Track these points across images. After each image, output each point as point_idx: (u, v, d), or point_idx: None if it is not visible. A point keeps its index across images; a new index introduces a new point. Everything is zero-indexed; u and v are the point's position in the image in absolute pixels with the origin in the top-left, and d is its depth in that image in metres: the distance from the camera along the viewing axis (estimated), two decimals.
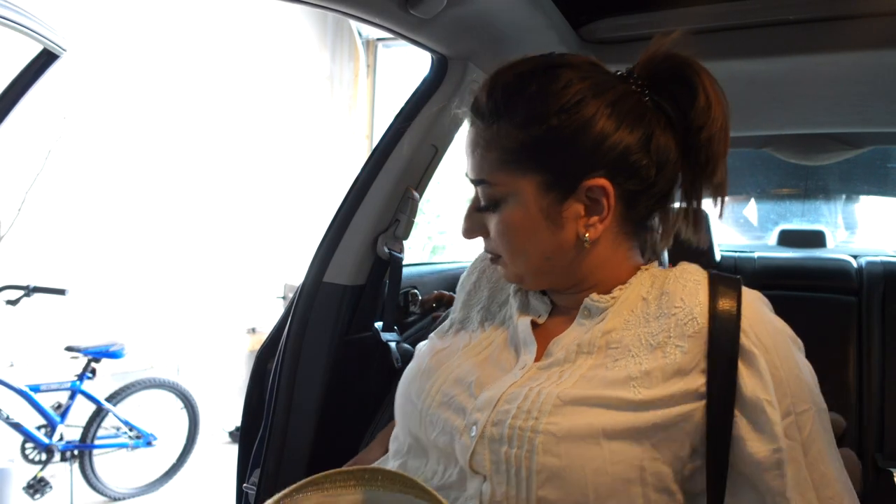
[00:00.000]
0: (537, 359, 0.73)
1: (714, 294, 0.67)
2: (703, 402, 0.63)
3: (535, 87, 0.69)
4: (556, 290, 0.78)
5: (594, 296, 0.72)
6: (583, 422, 0.62)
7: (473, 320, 0.85)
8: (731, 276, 0.71)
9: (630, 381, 0.64)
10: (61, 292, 2.95)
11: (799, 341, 0.69)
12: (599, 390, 0.64)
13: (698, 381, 0.64)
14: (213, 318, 4.19)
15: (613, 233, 0.72)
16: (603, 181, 0.68)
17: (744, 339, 0.64)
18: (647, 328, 0.68)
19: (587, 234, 0.70)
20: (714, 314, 0.65)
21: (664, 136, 0.70)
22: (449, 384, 0.74)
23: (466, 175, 0.75)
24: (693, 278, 0.71)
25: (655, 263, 0.77)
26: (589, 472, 0.61)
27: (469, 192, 0.78)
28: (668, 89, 0.71)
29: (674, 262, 0.96)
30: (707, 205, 0.74)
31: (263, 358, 1.36)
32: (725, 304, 0.66)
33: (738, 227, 2.98)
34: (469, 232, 0.76)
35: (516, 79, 0.70)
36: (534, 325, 0.77)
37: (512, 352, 0.76)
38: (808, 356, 0.68)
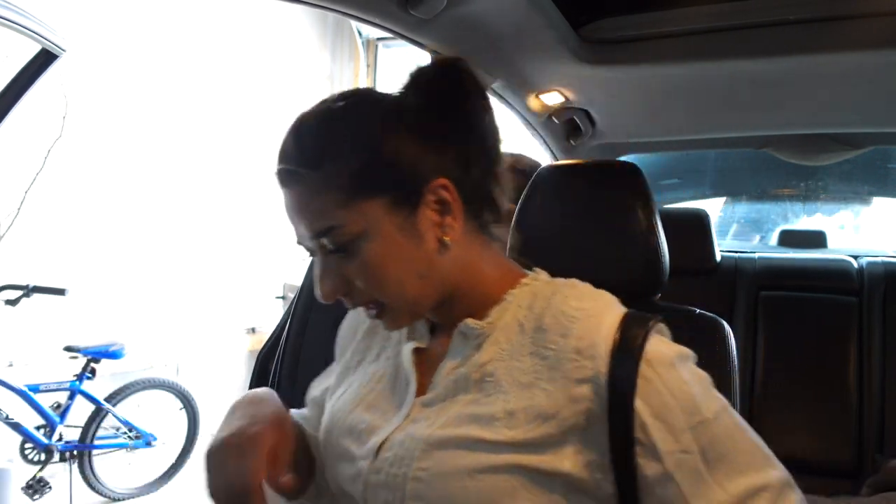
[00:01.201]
0: (422, 392, 0.73)
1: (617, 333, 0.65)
2: (573, 449, 0.63)
3: (341, 121, 0.71)
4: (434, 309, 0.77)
5: (469, 321, 0.72)
6: (450, 465, 0.64)
7: (382, 337, 0.84)
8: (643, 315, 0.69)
9: (495, 421, 0.65)
10: (61, 292, 2.95)
11: (685, 352, 0.67)
12: (466, 429, 0.65)
13: (566, 433, 0.64)
14: (212, 318, 4.19)
15: (467, 231, 0.73)
16: (440, 179, 0.69)
17: (639, 385, 0.63)
18: (519, 363, 0.68)
19: (447, 237, 0.70)
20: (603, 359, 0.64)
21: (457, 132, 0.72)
22: (344, 435, 0.75)
23: (301, 241, 0.72)
24: (571, 314, 0.68)
25: (539, 271, 0.77)
26: (457, 491, 0.63)
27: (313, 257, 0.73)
28: (440, 94, 0.73)
29: (674, 262, 0.95)
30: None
31: (265, 358, 1.36)
32: (623, 344, 0.65)
33: None
34: (331, 294, 0.71)
35: (318, 119, 0.72)
36: (419, 350, 0.77)
37: (399, 387, 0.76)
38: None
